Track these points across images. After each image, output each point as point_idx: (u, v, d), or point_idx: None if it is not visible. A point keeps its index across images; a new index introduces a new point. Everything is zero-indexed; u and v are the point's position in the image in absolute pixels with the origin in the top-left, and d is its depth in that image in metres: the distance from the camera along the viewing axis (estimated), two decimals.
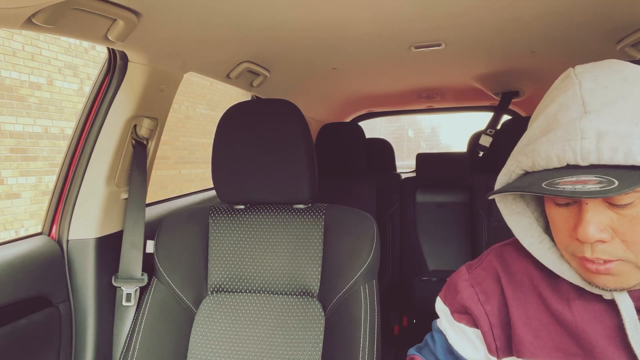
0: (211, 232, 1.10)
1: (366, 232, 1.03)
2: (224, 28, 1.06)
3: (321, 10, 0.97)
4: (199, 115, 6.78)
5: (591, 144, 0.46)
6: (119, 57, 1.09)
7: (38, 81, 4.36)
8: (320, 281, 1.03)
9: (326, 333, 1.00)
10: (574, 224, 0.51)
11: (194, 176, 6.75)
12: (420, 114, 3.05)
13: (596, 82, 0.50)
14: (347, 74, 1.72)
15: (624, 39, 1.18)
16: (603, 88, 0.49)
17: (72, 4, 0.77)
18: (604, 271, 0.50)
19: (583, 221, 0.49)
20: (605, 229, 0.48)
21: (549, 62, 1.55)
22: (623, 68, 0.51)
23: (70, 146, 1.14)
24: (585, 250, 0.50)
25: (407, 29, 1.15)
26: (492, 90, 2.12)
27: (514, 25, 1.14)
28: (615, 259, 0.49)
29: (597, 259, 0.49)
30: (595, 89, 0.49)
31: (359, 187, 2.24)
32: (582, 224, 0.48)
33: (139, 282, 1.14)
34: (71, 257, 1.11)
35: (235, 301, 1.07)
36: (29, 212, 4.37)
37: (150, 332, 1.02)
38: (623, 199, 0.47)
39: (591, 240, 0.48)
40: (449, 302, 0.70)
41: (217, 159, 1.08)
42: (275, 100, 1.09)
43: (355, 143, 2.24)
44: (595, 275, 0.51)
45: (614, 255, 0.49)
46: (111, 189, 1.15)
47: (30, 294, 0.98)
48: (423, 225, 2.27)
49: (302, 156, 1.04)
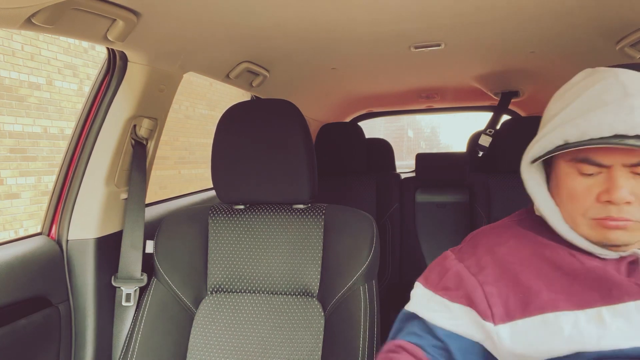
0: (211, 232, 1.10)
1: (366, 232, 1.03)
2: (223, 28, 1.06)
3: (321, 11, 0.97)
4: (199, 115, 6.78)
5: (639, 117, 0.55)
6: (119, 57, 1.09)
7: (37, 81, 4.36)
8: (319, 281, 1.03)
9: (326, 333, 1.00)
10: (602, 190, 0.60)
11: (194, 176, 6.74)
12: (420, 114, 3.05)
13: (628, 74, 0.60)
14: (347, 74, 1.72)
15: (624, 38, 1.18)
16: (636, 78, 0.59)
17: (72, 4, 0.77)
18: (622, 226, 0.59)
19: (616, 185, 0.58)
20: (631, 193, 0.58)
21: (548, 62, 1.55)
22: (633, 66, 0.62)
23: (69, 146, 1.14)
24: (611, 210, 0.59)
25: (407, 29, 1.15)
26: (492, 90, 2.12)
27: (514, 25, 1.14)
28: (634, 219, 0.59)
29: (621, 217, 0.58)
30: (631, 78, 0.59)
31: (358, 187, 2.24)
32: (616, 188, 0.58)
33: (139, 282, 1.14)
34: (71, 257, 1.10)
35: (235, 301, 1.07)
36: (28, 212, 4.37)
37: (149, 332, 1.02)
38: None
39: (623, 201, 0.58)
40: (432, 284, 0.71)
41: (217, 159, 1.08)
42: (275, 100, 1.09)
43: (355, 143, 2.23)
44: (611, 231, 0.60)
45: (634, 216, 0.59)
46: (111, 189, 1.15)
47: (29, 294, 0.98)
48: (423, 225, 2.27)
49: (302, 156, 1.04)
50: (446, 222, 2.25)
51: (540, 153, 0.64)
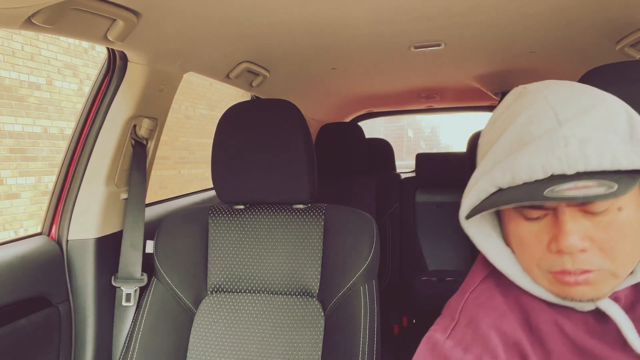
0: (211, 232, 1.10)
1: (366, 232, 1.03)
2: (223, 28, 1.06)
3: (321, 10, 0.97)
4: (199, 115, 6.78)
5: (576, 151, 0.45)
6: (119, 57, 1.09)
7: (37, 81, 4.36)
8: (319, 281, 1.03)
9: (326, 333, 1.00)
10: (550, 237, 0.49)
11: (194, 176, 6.75)
12: (420, 114, 3.05)
13: (560, 94, 0.50)
14: (347, 74, 1.73)
15: (624, 38, 1.19)
16: (569, 100, 0.49)
17: (72, 4, 0.77)
18: (582, 282, 0.48)
19: (564, 231, 0.47)
20: (584, 237, 0.48)
21: (548, 62, 1.55)
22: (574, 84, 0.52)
23: (69, 146, 1.14)
24: (565, 262, 0.48)
25: (407, 29, 1.15)
26: (492, 90, 2.12)
27: (514, 25, 1.14)
28: (594, 268, 0.48)
29: (578, 269, 0.48)
30: (563, 100, 0.49)
31: (358, 187, 2.24)
32: (564, 234, 0.47)
33: (139, 282, 1.14)
34: (71, 257, 1.11)
35: (235, 301, 1.07)
36: (28, 213, 4.37)
37: (150, 332, 1.02)
38: (600, 206, 0.47)
39: (575, 250, 0.47)
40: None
41: (217, 159, 1.08)
42: (274, 100, 1.09)
43: (355, 143, 2.24)
44: (572, 288, 0.49)
45: (593, 265, 0.48)
46: (111, 189, 1.15)
47: (29, 294, 0.98)
48: (423, 225, 2.28)
49: (302, 156, 1.04)
50: (446, 221, 2.25)
51: (476, 203, 0.53)
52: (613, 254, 0.48)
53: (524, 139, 0.49)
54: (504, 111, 0.55)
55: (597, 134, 0.46)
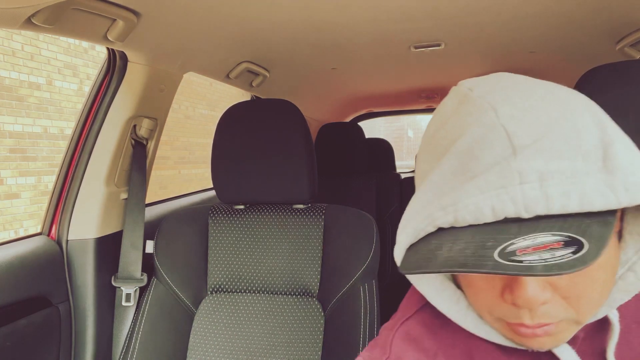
0: (211, 232, 1.10)
1: (366, 232, 1.03)
2: (223, 28, 1.06)
3: (321, 11, 0.97)
4: (199, 115, 6.78)
5: (534, 190, 0.35)
6: (119, 57, 1.09)
7: (37, 81, 4.36)
8: (319, 281, 1.03)
9: (326, 333, 1.00)
10: (503, 285, 0.40)
11: (194, 176, 6.75)
12: (420, 114, 3.05)
13: (513, 105, 0.39)
14: (347, 74, 1.73)
15: (624, 38, 1.19)
16: (524, 111, 0.38)
17: (72, 4, 0.77)
18: (541, 334, 0.40)
19: (521, 282, 0.38)
20: (545, 287, 0.39)
21: (548, 62, 1.55)
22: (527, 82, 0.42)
23: (69, 146, 1.14)
24: (522, 316, 0.40)
25: (407, 29, 1.15)
26: None
27: (514, 25, 1.14)
28: (556, 320, 0.40)
29: (537, 324, 0.40)
30: (516, 114, 0.38)
31: (358, 187, 2.24)
32: (521, 286, 0.38)
33: (139, 282, 1.14)
34: (71, 257, 1.11)
35: (235, 301, 1.07)
36: (28, 212, 4.37)
37: (149, 332, 1.02)
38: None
39: (535, 304, 0.38)
40: None
41: (217, 159, 1.08)
42: (275, 100, 1.09)
43: (355, 143, 2.24)
44: (530, 339, 0.41)
45: (555, 317, 0.40)
46: (111, 189, 1.15)
47: (29, 294, 0.98)
48: None
49: (302, 156, 1.04)
50: None
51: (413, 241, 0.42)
52: (579, 303, 0.40)
53: (469, 167, 0.38)
54: (444, 122, 0.43)
55: (561, 164, 0.36)
